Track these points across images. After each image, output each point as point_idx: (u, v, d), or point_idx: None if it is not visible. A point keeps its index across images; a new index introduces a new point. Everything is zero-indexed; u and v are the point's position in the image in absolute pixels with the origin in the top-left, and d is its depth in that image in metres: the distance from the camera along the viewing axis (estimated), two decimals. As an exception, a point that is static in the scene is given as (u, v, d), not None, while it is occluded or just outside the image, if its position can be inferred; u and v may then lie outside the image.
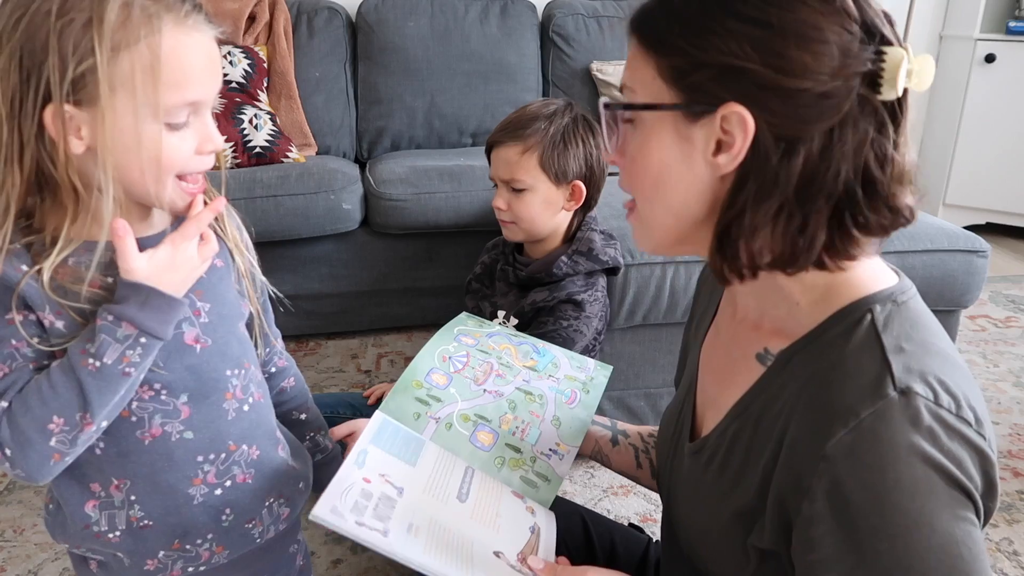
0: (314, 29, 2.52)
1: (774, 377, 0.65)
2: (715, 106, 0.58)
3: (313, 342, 2.29)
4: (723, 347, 0.76)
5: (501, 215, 1.41)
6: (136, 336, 0.68)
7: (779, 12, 0.56)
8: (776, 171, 0.58)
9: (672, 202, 0.64)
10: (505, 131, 1.38)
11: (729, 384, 0.71)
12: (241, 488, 0.82)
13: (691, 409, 0.79)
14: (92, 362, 0.67)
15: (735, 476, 0.67)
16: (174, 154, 0.69)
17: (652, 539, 1.05)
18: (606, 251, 1.43)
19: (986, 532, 1.49)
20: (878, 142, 0.58)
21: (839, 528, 0.54)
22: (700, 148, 0.60)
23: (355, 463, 0.77)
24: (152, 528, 0.77)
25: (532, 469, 0.89)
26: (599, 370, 1.05)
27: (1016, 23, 3.01)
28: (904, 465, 0.52)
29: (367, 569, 1.41)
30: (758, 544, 0.64)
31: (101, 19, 0.63)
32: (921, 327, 0.60)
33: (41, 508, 1.56)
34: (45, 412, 0.67)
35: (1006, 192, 3.12)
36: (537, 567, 0.73)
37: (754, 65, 0.56)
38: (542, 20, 2.72)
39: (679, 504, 0.78)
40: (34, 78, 0.63)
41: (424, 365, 0.98)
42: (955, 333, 1.82)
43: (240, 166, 2.20)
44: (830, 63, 0.55)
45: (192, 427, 0.77)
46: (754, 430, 0.65)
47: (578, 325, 1.37)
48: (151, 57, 0.64)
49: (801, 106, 0.56)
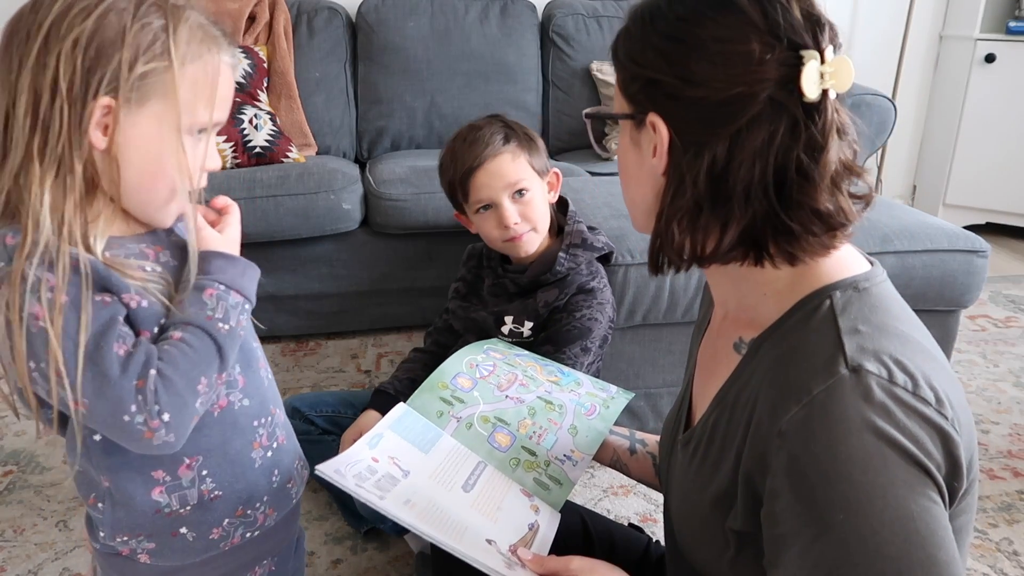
0: (314, 29, 2.53)
1: (746, 365, 0.67)
2: (644, 115, 0.64)
3: (313, 342, 2.29)
4: (711, 343, 0.80)
5: (518, 229, 1.36)
6: (243, 303, 0.76)
7: (689, 28, 0.61)
8: (683, 173, 0.63)
9: (635, 198, 0.72)
10: (480, 151, 1.35)
11: (713, 376, 0.74)
12: (282, 449, 0.88)
13: (687, 405, 0.81)
14: (223, 326, 0.73)
15: (713, 463, 0.69)
16: (192, 167, 0.73)
17: (652, 539, 1.05)
18: (597, 238, 1.44)
19: (986, 532, 1.50)
20: (791, 146, 0.59)
21: (797, 502, 0.55)
22: (645, 151, 0.66)
23: (368, 443, 0.80)
24: (221, 498, 0.81)
25: (545, 472, 0.92)
26: (621, 393, 1.08)
27: (1016, 23, 3.01)
28: (855, 439, 0.53)
29: (367, 569, 1.41)
30: (733, 527, 0.65)
31: (175, 29, 0.69)
32: (882, 311, 0.62)
33: (41, 509, 1.56)
34: (196, 372, 0.71)
35: (1006, 192, 3.12)
36: (525, 557, 0.76)
37: (665, 77, 0.62)
38: (542, 20, 2.72)
39: (672, 496, 0.80)
40: (99, 67, 0.66)
41: (452, 369, 1.02)
42: (955, 333, 1.81)
43: (240, 166, 2.20)
44: (729, 71, 0.59)
45: (248, 395, 0.82)
46: (729, 417, 0.68)
47: (592, 313, 1.37)
48: (210, 75, 0.72)
49: (703, 113, 0.60)
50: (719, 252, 0.64)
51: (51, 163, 0.67)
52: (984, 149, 3.12)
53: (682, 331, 1.67)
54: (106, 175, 0.70)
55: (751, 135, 0.59)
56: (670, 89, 0.62)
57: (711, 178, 0.61)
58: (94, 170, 0.70)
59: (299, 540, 1.01)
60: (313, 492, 1.59)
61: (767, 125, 0.59)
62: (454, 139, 1.40)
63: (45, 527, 1.51)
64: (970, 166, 3.16)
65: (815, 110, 0.59)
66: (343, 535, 1.49)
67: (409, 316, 2.32)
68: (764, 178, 0.60)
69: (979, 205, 3.20)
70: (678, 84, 0.61)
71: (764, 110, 0.58)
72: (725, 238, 0.63)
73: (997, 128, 3.07)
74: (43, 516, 1.54)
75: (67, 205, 0.68)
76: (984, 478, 1.67)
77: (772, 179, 0.60)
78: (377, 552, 1.45)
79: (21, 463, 1.72)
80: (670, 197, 0.64)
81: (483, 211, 1.38)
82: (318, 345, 2.28)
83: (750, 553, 0.65)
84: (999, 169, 3.11)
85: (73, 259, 0.67)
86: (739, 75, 0.58)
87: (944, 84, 3.25)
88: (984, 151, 3.12)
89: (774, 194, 0.60)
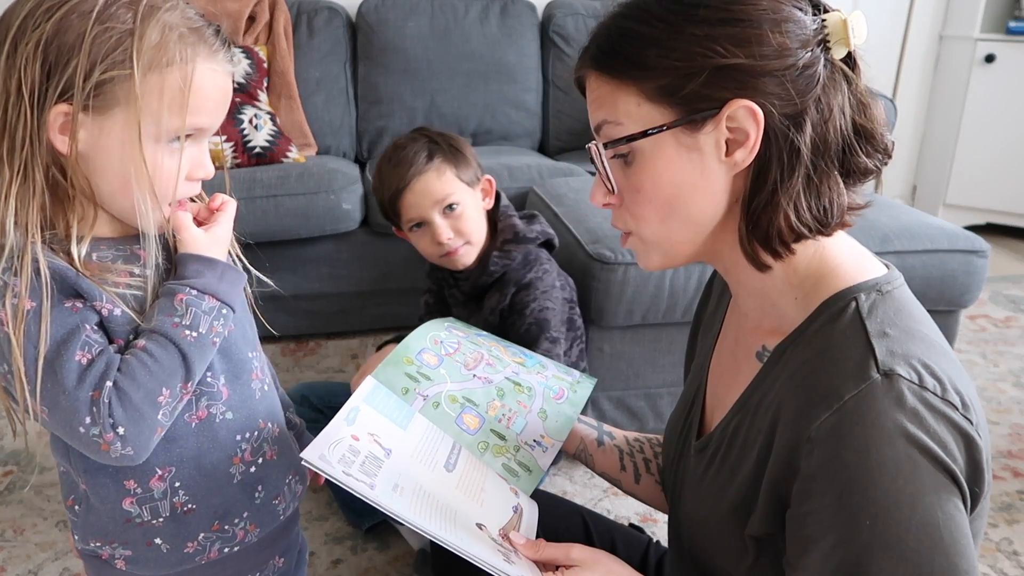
0: (314, 29, 2.53)
1: (769, 371, 0.67)
2: (719, 108, 0.60)
3: (313, 342, 2.29)
4: (729, 350, 0.78)
5: (452, 244, 1.37)
6: (219, 308, 0.72)
7: (742, 7, 0.60)
8: (794, 146, 0.61)
9: (692, 215, 0.65)
10: (405, 172, 1.35)
11: (733, 383, 0.73)
12: (270, 465, 0.84)
13: (700, 411, 0.80)
14: (190, 333, 0.70)
15: (733, 468, 0.69)
16: (166, 176, 0.70)
17: (652, 539, 1.05)
18: (532, 228, 1.44)
19: (986, 532, 1.50)
20: (853, 95, 0.63)
21: (824, 507, 0.55)
22: (711, 153, 0.62)
23: (345, 419, 0.76)
24: (195, 511, 0.79)
25: (515, 457, 0.89)
26: (585, 378, 1.05)
27: (1016, 23, 3.01)
28: (887, 445, 0.53)
29: (367, 569, 1.41)
30: (753, 533, 0.65)
31: (141, 35, 0.64)
32: (905, 314, 0.61)
33: (41, 509, 1.56)
34: (155, 384, 0.68)
35: (1006, 192, 3.12)
36: (519, 542, 0.73)
37: (740, 59, 0.59)
38: (542, 20, 2.72)
39: (684, 502, 0.79)
40: (56, 74, 0.64)
41: (416, 344, 0.97)
42: (955, 333, 1.82)
43: (240, 166, 2.20)
44: (800, 37, 0.60)
45: (231, 407, 0.79)
46: (751, 423, 0.67)
47: (542, 303, 1.37)
48: (180, 83, 0.67)
49: (793, 82, 0.60)
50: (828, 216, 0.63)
51: (16, 167, 0.65)
52: (984, 149, 3.12)
53: (682, 331, 1.66)
54: (78, 180, 0.68)
55: (828, 93, 0.61)
56: (753, 70, 0.59)
57: (815, 145, 0.61)
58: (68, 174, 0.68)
59: (301, 553, 0.98)
60: (313, 492, 1.59)
61: (835, 82, 0.62)
62: (380, 160, 1.41)
63: (45, 527, 1.51)
64: (970, 166, 3.16)
65: (852, 60, 0.64)
66: (343, 535, 1.49)
67: (409, 316, 2.31)
68: (849, 130, 0.62)
69: (979, 205, 3.20)
70: (759, 63, 0.59)
71: (825, 68, 0.61)
72: (838, 192, 0.63)
73: (997, 128, 3.07)
74: (43, 516, 1.54)
75: (32, 210, 0.66)
76: (984, 478, 1.67)
77: (852, 129, 0.62)
78: (377, 552, 1.45)
79: (21, 463, 1.72)
80: (778, 181, 0.62)
81: (416, 229, 1.39)
82: (318, 345, 2.28)
83: (768, 559, 0.64)
84: (999, 169, 3.11)
85: (35, 265, 0.65)
86: (802, 39, 0.60)
87: (944, 84, 3.25)
88: (984, 151, 3.12)
89: (854, 140, 0.63)
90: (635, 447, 0.98)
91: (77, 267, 0.68)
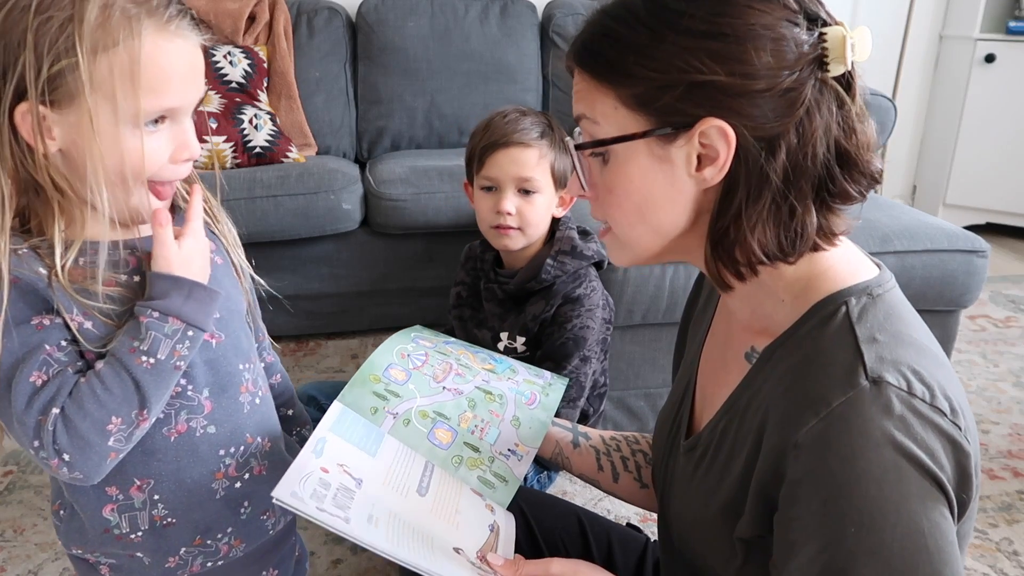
0: (314, 29, 2.52)
1: (757, 373, 0.66)
2: (691, 124, 0.59)
3: (313, 342, 2.29)
4: (718, 350, 0.78)
5: (506, 220, 1.37)
6: (184, 330, 0.69)
7: (730, 21, 0.57)
8: (763, 172, 0.59)
9: (659, 222, 0.65)
10: (512, 133, 1.35)
11: (722, 382, 0.73)
12: (258, 480, 0.82)
13: (688, 410, 0.80)
14: (146, 359, 0.67)
15: (721, 471, 0.69)
16: (147, 161, 0.67)
17: (650, 539, 1.05)
18: (588, 246, 1.44)
19: (986, 532, 1.50)
20: (842, 117, 0.60)
21: (809, 512, 0.55)
22: (682, 166, 0.62)
23: (313, 451, 0.75)
24: (175, 526, 0.77)
25: (490, 469, 0.87)
26: (556, 379, 1.04)
27: (1016, 23, 3.00)
28: (874, 453, 0.53)
29: (367, 569, 1.41)
30: (742, 536, 0.65)
31: (81, 19, 0.61)
32: (896, 319, 0.61)
33: (41, 509, 1.56)
34: (103, 414, 0.66)
35: (1006, 192, 3.12)
36: (496, 563, 0.73)
37: (719, 76, 0.57)
38: (542, 20, 2.72)
39: (673, 502, 0.79)
40: (9, 74, 0.62)
41: (382, 361, 0.95)
42: (955, 333, 1.81)
43: (240, 166, 2.20)
44: (788, 57, 0.58)
45: (214, 421, 0.77)
46: (739, 424, 0.67)
47: (583, 321, 1.37)
48: (129, 61, 0.63)
49: (772, 105, 0.58)
50: (795, 242, 0.62)
51: None
52: (984, 149, 3.11)
53: (682, 331, 1.67)
54: (58, 181, 0.66)
55: (813, 117, 0.59)
56: (731, 88, 0.57)
57: (788, 170, 0.59)
58: (60, 177, 0.66)
59: (299, 562, 0.97)
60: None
61: (823, 104, 0.59)
62: (495, 113, 1.39)
63: (45, 527, 1.51)
64: (970, 166, 3.16)
65: (848, 80, 0.61)
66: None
67: (409, 316, 2.32)
68: (829, 155, 0.60)
69: (979, 205, 3.20)
70: (738, 81, 0.57)
71: (815, 90, 0.59)
72: (808, 221, 0.61)
73: (997, 128, 3.07)
74: (43, 516, 1.54)
75: (3, 219, 0.65)
76: (984, 478, 1.67)
77: (835, 154, 0.60)
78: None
79: (21, 463, 1.72)
80: (744, 203, 0.60)
81: (486, 191, 1.38)
82: (318, 345, 2.28)
83: (757, 561, 0.64)
84: (999, 169, 3.11)
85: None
86: (792, 58, 0.58)
87: (944, 84, 3.25)
88: (984, 151, 3.12)
89: (836, 165, 0.61)
90: (611, 446, 0.98)
91: (57, 275, 0.67)
